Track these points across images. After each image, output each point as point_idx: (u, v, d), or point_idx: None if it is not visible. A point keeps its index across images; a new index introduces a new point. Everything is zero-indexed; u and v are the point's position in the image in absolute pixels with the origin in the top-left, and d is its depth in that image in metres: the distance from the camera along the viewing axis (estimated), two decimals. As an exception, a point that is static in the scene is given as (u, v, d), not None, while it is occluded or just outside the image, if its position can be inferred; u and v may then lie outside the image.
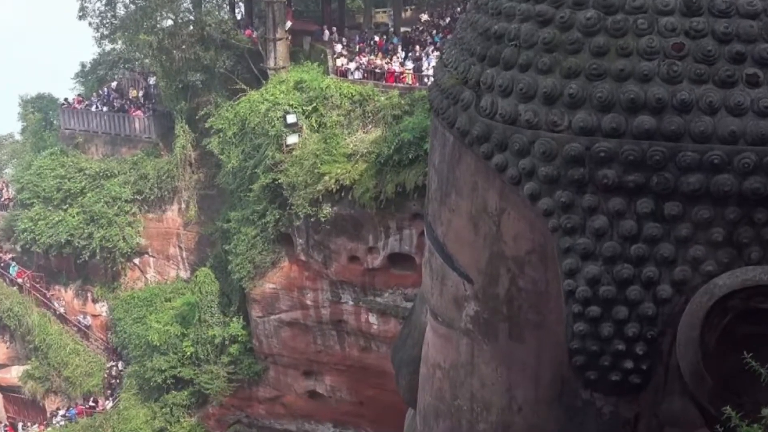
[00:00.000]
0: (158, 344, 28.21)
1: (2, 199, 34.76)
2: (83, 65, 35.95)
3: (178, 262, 31.59)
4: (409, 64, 25.79)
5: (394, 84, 25.12)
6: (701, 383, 2.24)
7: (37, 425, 32.20)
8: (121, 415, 29.46)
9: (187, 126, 29.32)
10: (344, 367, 25.88)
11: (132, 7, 29.00)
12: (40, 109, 35.40)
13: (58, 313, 32.43)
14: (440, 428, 2.78)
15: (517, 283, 2.44)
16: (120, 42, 31.45)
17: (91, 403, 31.21)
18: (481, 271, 2.53)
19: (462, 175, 2.56)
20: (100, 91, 33.54)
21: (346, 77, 25.89)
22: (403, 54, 26.55)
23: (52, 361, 31.22)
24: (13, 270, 32.67)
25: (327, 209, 23.67)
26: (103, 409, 30.72)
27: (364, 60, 26.31)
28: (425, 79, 24.38)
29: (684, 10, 2.28)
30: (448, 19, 28.43)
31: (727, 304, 2.20)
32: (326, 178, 23.47)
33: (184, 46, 27.67)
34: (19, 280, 32.37)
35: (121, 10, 29.71)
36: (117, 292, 31.76)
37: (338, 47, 27.10)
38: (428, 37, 27.46)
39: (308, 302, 25.45)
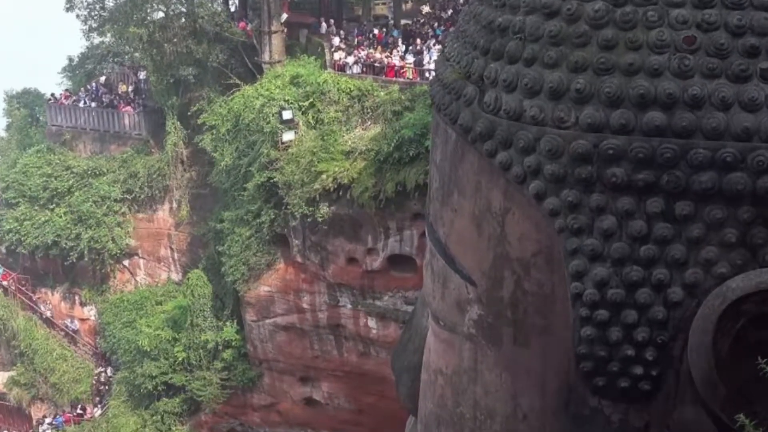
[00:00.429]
0: (149, 349, 27.78)
1: (-13, 199, 34.03)
2: (71, 59, 35.42)
3: (170, 263, 31.19)
4: (410, 58, 25.61)
5: (394, 79, 24.89)
6: (714, 390, 2.18)
7: (22, 433, 31.66)
8: (110, 423, 29.07)
9: (178, 122, 29.04)
10: (342, 373, 25.58)
11: (121, -2, 28.33)
12: (25, 105, 34.93)
13: (44, 316, 31.89)
14: None
15: (522, 286, 2.40)
16: (109, 35, 30.97)
17: (78, 411, 30.71)
18: (484, 273, 2.49)
19: (465, 173, 2.52)
20: (88, 86, 33.13)
21: (345, 72, 25.67)
22: (403, 47, 26.36)
23: (39, 366, 30.72)
24: (-2, 272, 32.12)
25: (324, 209, 23.36)
26: (91, 417, 30.24)
27: (362, 54, 26.21)
28: (426, 74, 24.15)
29: (696, 1, 2.21)
30: (450, 11, 28.33)
31: (741, 308, 2.13)
32: (323, 176, 23.20)
33: (175, 40, 27.40)
34: (4, 283, 31.87)
35: (110, 2, 29.37)
36: (106, 295, 31.31)
37: (336, 40, 26.88)
38: (429, 30, 27.30)
39: (305, 306, 25.20)
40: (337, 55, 26.04)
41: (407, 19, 29.85)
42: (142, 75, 31.84)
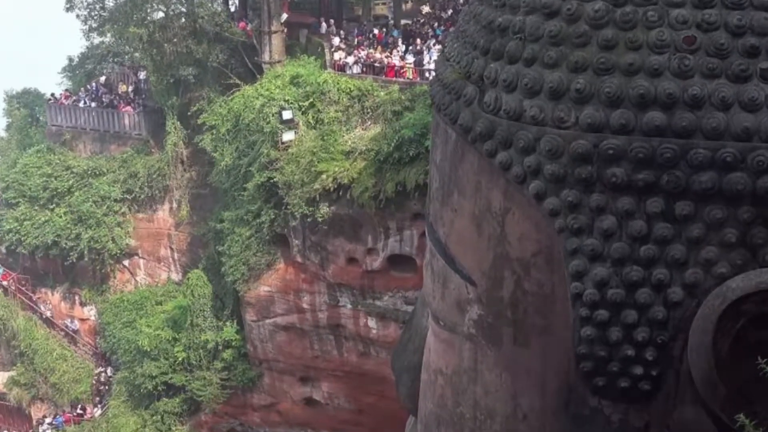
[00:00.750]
0: (149, 349, 27.75)
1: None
2: (71, 59, 35.37)
3: (170, 263, 31.13)
4: (410, 58, 25.63)
5: (394, 79, 24.90)
6: (714, 391, 2.17)
7: (22, 433, 31.60)
8: (110, 423, 29.02)
9: (178, 122, 29.00)
10: (342, 373, 25.55)
11: (121, -2, 28.30)
12: (25, 105, 34.88)
13: (44, 316, 31.84)
14: None
15: (522, 286, 2.40)
16: (109, 35, 30.93)
17: (78, 411, 30.67)
18: (484, 273, 2.49)
19: (465, 173, 2.52)
20: (88, 86, 33.08)
21: (345, 72, 25.68)
22: (403, 47, 26.38)
23: (39, 366, 30.67)
24: (-2, 272, 32.06)
25: (324, 209, 23.32)
26: (91, 417, 30.21)
27: (362, 54, 26.18)
28: (426, 74, 24.14)
29: (696, 1, 2.21)
30: (450, 11, 28.28)
31: (741, 308, 2.13)
32: (323, 176, 23.17)
33: (175, 39, 27.36)
34: (4, 283, 31.81)
35: (110, 2, 29.28)
36: (106, 295, 31.25)
37: (336, 40, 26.82)
38: (429, 30, 27.35)
39: (305, 306, 25.16)
40: (337, 55, 26.03)
41: (407, 19, 29.83)
42: (142, 75, 31.79)
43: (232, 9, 30.80)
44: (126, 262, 31.44)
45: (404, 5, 31.88)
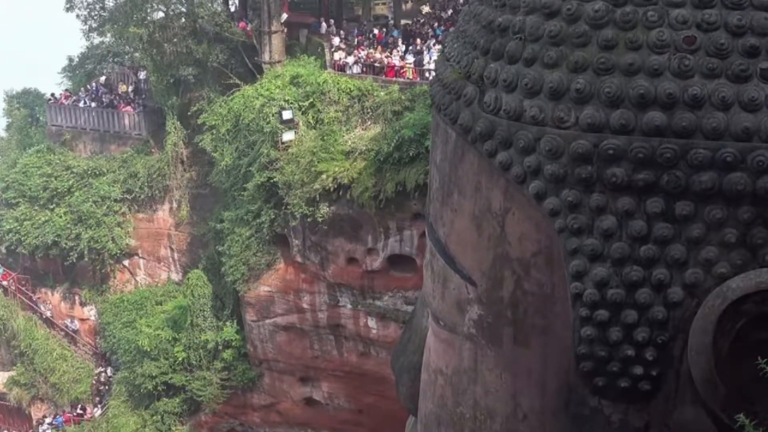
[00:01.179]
0: (149, 349, 27.79)
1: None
2: (70, 59, 35.38)
3: (170, 263, 31.14)
4: (410, 58, 25.67)
5: (394, 79, 24.93)
6: (714, 391, 2.17)
7: (22, 433, 31.60)
8: (110, 423, 29.07)
9: (178, 122, 29.01)
10: (342, 373, 25.61)
11: (121, -2, 28.31)
12: (25, 105, 34.91)
13: (44, 316, 31.89)
14: None
15: (522, 286, 2.41)
16: (109, 35, 30.95)
17: (78, 411, 30.73)
18: (484, 273, 2.49)
19: (465, 173, 2.52)
20: (88, 86, 33.10)
21: (345, 72, 25.70)
22: (403, 47, 26.42)
23: (39, 366, 30.72)
24: (-2, 272, 32.06)
25: (324, 209, 23.34)
26: (91, 417, 30.26)
27: (362, 54, 26.18)
28: (426, 74, 24.19)
29: (696, 1, 2.21)
30: (450, 11, 28.27)
31: (741, 308, 2.14)
32: (323, 176, 23.18)
33: (175, 39, 27.37)
34: (4, 283, 31.84)
35: (110, 2, 29.31)
36: (106, 295, 31.28)
37: (336, 40, 26.81)
38: (429, 30, 27.36)
39: (305, 306, 25.19)
40: (337, 55, 26.04)
41: (407, 19, 29.84)
42: (142, 75, 31.81)
43: (232, 9, 30.82)
44: (126, 262, 31.44)
45: (404, 5, 31.88)
